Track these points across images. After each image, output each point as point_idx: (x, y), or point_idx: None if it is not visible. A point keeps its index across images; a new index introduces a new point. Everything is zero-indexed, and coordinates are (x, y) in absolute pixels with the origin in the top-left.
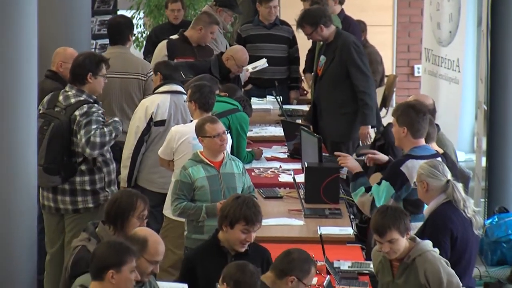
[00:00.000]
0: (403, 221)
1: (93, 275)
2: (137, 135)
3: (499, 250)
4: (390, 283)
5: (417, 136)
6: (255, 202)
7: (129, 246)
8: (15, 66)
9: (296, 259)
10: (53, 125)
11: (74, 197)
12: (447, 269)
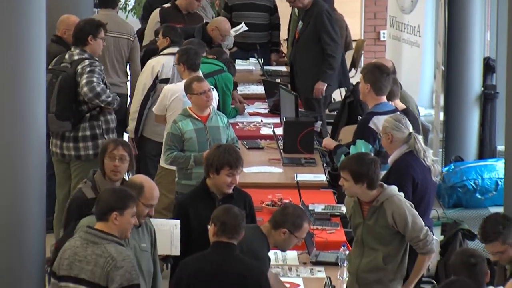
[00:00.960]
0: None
1: (99, 216)
2: (144, 91)
3: (455, 195)
4: (361, 225)
5: (379, 94)
6: (235, 148)
7: (131, 194)
8: (26, 30)
9: (289, 214)
10: (61, 77)
11: (76, 143)
12: (412, 211)
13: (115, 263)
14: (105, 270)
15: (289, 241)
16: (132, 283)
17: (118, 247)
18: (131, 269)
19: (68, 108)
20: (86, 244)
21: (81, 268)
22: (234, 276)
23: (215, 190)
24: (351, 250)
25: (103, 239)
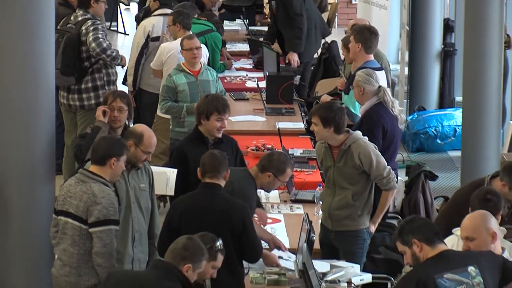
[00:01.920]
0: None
1: (96, 161)
2: (138, 49)
3: (418, 140)
4: (332, 167)
5: (368, 52)
6: (222, 96)
7: (125, 143)
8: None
9: (275, 160)
10: (66, 37)
11: (80, 94)
12: (376, 152)
13: (95, 200)
14: (86, 205)
15: (273, 183)
16: (108, 218)
17: (102, 186)
18: (108, 206)
19: (72, 65)
20: (77, 183)
21: (70, 203)
22: (219, 213)
23: (207, 135)
24: (323, 190)
25: (91, 179)
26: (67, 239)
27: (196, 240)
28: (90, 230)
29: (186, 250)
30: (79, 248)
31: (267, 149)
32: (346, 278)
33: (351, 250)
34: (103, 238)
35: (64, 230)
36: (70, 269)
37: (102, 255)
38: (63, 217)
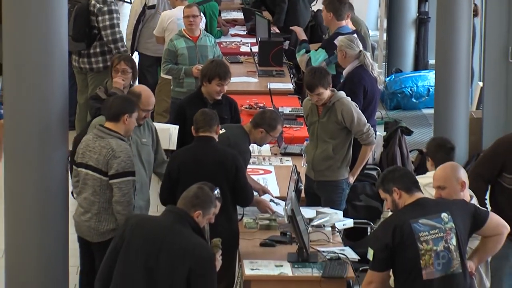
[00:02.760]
0: (327, 79)
1: (111, 117)
2: (136, 16)
3: (395, 99)
4: (317, 122)
5: (339, 19)
6: (225, 63)
7: (136, 101)
8: None
9: (267, 117)
10: (77, 7)
11: (89, 58)
12: (357, 110)
13: (114, 154)
14: (106, 159)
15: (265, 138)
16: (127, 170)
17: (119, 141)
18: (126, 159)
19: (83, 32)
20: (95, 138)
21: (90, 156)
22: (214, 162)
23: (207, 96)
24: (307, 144)
25: (108, 134)
26: (88, 189)
27: (206, 189)
28: (110, 182)
29: (197, 198)
30: (99, 197)
31: (259, 107)
32: (330, 223)
33: (331, 198)
34: (122, 188)
35: (85, 180)
36: (91, 215)
37: (121, 203)
38: (83, 169)
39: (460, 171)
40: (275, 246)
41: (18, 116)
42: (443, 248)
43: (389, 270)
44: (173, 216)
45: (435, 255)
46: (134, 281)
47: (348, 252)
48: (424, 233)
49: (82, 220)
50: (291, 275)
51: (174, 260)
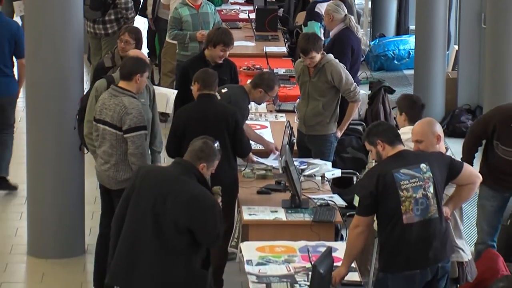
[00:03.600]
0: (319, 44)
1: (124, 77)
2: None
3: (379, 61)
4: (308, 82)
5: None
6: (230, 32)
7: (148, 62)
8: None
9: (265, 78)
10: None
11: (105, 25)
12: (345, 70)
13: (126, 110)
14: (120, 115)
15: (263, 98)
16: (139, 125)
17: (131, 99)
18: (138, 115)
19: (99, 1)
20: (110, 97)
21: (106, 113)
22: (216, 117)
23: (210, 59)
24: (299, 101)
25: (121, 93)
26: (106, 142)
27: (210, 143)
28: (125, 136)
29: (202, 152)
30: (116, 150)
31: (256, 69)
32: (320, 173)
33: (321, 150)
34: (135, 142)
35: (103, 135)
36: (109, 166)
37: (135, 155)
38: (101, 125)
39: (436, 126)
40: (270, 194)
41: (37, 76)
42: (421, 196)
43: (373, 215)
44: (180, 168)
45: (414, 201)
46: (142, 224)
47: (336, 199)
48: (405, 181)
49: (102, 170)
50: (285, 219)
51: (179, 207)
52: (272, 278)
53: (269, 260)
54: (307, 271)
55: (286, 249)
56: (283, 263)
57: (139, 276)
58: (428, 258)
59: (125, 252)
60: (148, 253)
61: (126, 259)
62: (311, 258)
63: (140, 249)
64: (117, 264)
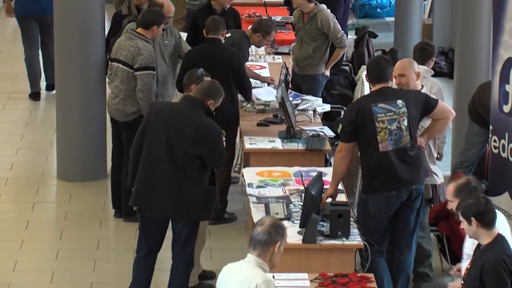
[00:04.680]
0: None
1: (143, 25)
2: None
3: (364, 9)
4: (302, 28)
5: None
6: None
7: (164, 15)
8: None
9: (263, 24)
10: None
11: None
12: (334, 19)
13: (139, 51)
14: (133, 55)
15: (261, 41)
16: (148, 65)
17: (144, 42)
18: (149, 57)
19: None
20: (127, 39)
21: (121, 53)
22: (221, 58)
23: (216, 7)
24: (294, 45)
25: (137, 37)
26: (117, 79)
27: (217, 83)
28: (135, 73)
29: (210, 90)
30: (126, 86)
31: (256, 16)
32: (312, 108)
33: (311, 88)
34: (143, 79)
35: (116, 72)
36: (119, 100)
37: (142, 91)
38: (115, 63)
39: (415, 65)
40: (268, 126)
41: (66, 20)
42: (395, 128)
43: (354, 142)
44: (189, 103)
45: (389, 132)
46: (159, 153)
47: (326, 130)
48: (381, 114)
49: (113, 103)
50: (281, 148)
51: (189, 136)
52: (270, 199)
53: (267, 183)
54: (301, 193)
55: (282, 174)
56: (280, 186)
57: (159, 197)
58: (402, 181)
59: (145, 177)
60: (165, 177)
61: (146, 183)
62: (304, 181)
63: (158, 174)
64: (139, 188)
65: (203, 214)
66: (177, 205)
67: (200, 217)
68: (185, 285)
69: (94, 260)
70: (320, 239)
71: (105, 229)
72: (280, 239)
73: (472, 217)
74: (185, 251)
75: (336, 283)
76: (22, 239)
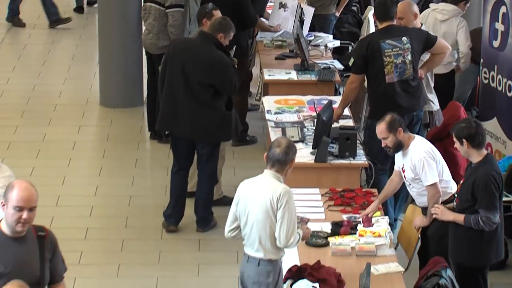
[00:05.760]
0: None
1: None
2: None
3: None
4: None
5: None
6: None
7: None
8: None
9: None
10: None
11: None
12: None
13: None
14: None
15: None
16: (178, 3)
17: None
18: None
19: None
20: None
21: None
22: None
23: None
24: None
25: None
26: (151, 16)
27: (227, 19)
28: (166, 11)
29: (220, 25)
30: (158, 22)
31: None
32: (324, 43)
33: (323, 26)
34: (174, 16)
35: (149, 11)
36: (152, 35)
37: (173, 26)
38: (149, 3)
39: (414, 6)
40: (285, 59)
41: None
42: (400, 61)
43: (364, 74)
44: (202, 37)
45: (395, 66)
46: (177, 83)
47: (336, 64)
48: (388, 50)
49: (147, 38)
50: (296, 79)
51: (202, 67)
52: (286, 124)
53: (284, 110)
54: (313, 119)
55: (297, 102)
56: (295, 112)
57: (180, 121)
58: (404, 108)
59: (167, 104)
60: (183, 104)
61: (169, 109)
62: (316, 108)
63: (178, 101)
64: (163, 114)
65: (220, 136)
66: (196, 128)
67: (218, 139)
68: (209, 198)
69: (132, 176)
70: (330, 159)
71: (142, 149)
72: (294, 157)
73: (464, 139)
74: (208, 168)
75: (344, 197)
76: (69, 157)
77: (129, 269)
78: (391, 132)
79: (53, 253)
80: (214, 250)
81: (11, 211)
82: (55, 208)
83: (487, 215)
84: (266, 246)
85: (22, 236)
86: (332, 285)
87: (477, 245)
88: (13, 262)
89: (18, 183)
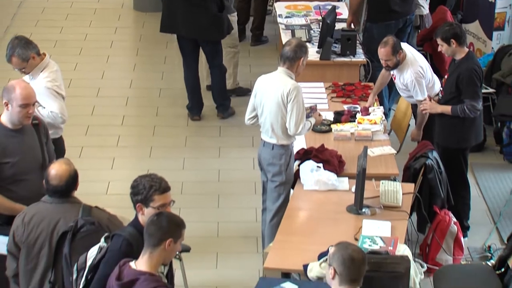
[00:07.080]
0: None
1: None
2: None
3: None
4: None
5: None
6: None
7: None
8: None
9: None
10: None
11: None
12: None
13: None
14: None
15: None
16: None
17: None
18: None
19: None
20: None
21: None
22: None
23: None
24: None
25: None
26: None
27: None
28: None
29: None
30: None
31: None
32: None
33: None
34: None
35: None
36: None
37: None
38: None
39: None
40: None
41: None
42: None
43: None
44: None
45: None
46: None
47: None
48: None
49: None
50: None
51: None
52: (295, 26)
53: (293, 14)
54: (319, 22)
55: (304, 7)
56: (303, 16)
57: (179, 22)
58: (399, 13)
59: (167, 8)
60: (179, 7)
61: (168, 12)
62: (322, 13)
63: (175, 4)
64: (164, 16)
65: (215, 35)
66: (192, 28)
67: (212, 37)
68: (222, 86)
69: (162, 72)
70: (333, 56)
71: (170, 48)
72: (303, 55)
73: (452, 38)
74: (215, 63)
75: (345, 90)
76: (108, 54)
77: (160, 151)
78: (394, 55)
79: (46, 138)
80: (232, 135)
81: (18, 109)
82: (96, 99)
83: (472, 103)
84: (278, 134)
85: (21, 128)
86: (334, 165)
87: (459, 130)
88: (20, 151)
89: (18, 84)
